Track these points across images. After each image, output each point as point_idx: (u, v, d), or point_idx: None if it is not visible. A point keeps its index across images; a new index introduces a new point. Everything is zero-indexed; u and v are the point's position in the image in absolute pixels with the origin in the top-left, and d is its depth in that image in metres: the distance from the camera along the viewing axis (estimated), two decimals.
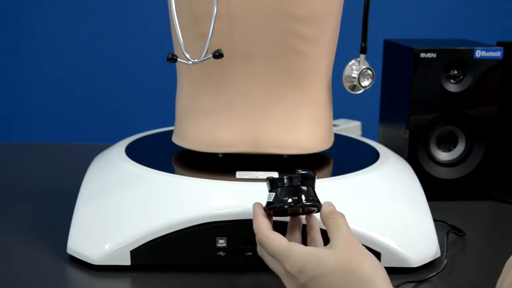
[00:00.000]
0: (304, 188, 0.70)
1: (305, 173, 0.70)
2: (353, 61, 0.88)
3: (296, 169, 0.70)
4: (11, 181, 1.11)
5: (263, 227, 0.68)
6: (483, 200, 1.05)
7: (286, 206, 0.69)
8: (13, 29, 2.06)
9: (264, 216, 0.70)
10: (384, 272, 0.63)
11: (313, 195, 0.70)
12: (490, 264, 0.82)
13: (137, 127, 1.24)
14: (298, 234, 0.72)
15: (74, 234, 0.80)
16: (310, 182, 0.70)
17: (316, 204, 0.70)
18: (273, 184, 0.71)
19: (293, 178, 0.69)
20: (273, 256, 0.67)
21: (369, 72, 0.87)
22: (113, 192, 0.83)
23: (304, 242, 0.71)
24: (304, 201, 0.69)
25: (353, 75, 0.87)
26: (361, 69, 0.87)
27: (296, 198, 0.69)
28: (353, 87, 0.89)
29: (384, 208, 0.80)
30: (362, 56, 0.88)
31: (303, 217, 0.73)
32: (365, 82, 0.87)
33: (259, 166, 0.85)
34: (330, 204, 0.69)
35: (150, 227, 0.76)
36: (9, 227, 0.90)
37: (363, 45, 0.87)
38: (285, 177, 0.70)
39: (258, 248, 0.70)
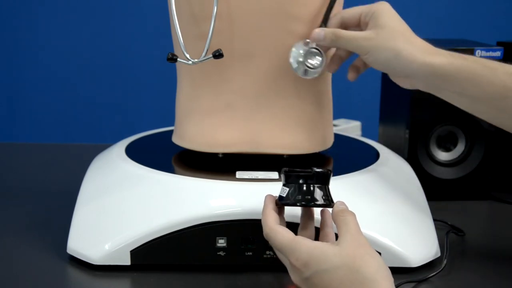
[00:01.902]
0: (318, 186, 0.70)
1: (320, 172, 0.70)
2: (299, 43, 0.82)
3: (312, 167, 0.70)
4: (11, 181, 1.11)
5: (270, 221, 0.68)
6: (483, 200, 1.05)
7: (298, 204, 0.70)
8: (13, 29, 2.06)
9: (273, 209, 0.70)
10: (389, 272, 0.63)
11: (327, 195, 0.70)
12: (490, 264, 0.82)
13: (137, 127, 1.24)
14: (311, 228, 0.72)
15: (74, 234, 0.80)
16: (324, 181, 0.70)
17: (328, 204, 0.70)
18: (288, 179, 0.71)
19: (308, 176, 0.70)
20: (279, 250, 0.67)
21: (315, 50, 0.81)
22: (113, 192, 0.83)
23: (317, 237, 0.72)
24: (316, 201, 0.70)
25: (300, 59, 0.81)
26: (306, 50, 0.81)
27: (309, 197, 0.69)
28: (305, 71, 0.82)
29: (384, 208, 0.80)
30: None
31: (317, 211, 0.73)
32: (313, 61, 0.81)
33: (259, 166, 0.85)
34: (342, 203, 0.69)
35: (150, 227, 0.76)
36: (9, 227, 0.90)
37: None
38: (301, 173, 0.70)
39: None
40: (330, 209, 0.72)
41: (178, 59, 0.81)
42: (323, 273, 0.63)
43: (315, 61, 0.82)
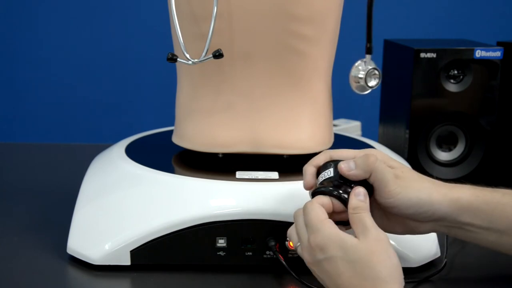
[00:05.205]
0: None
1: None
2: (359, 61, 0.89)
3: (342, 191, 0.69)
4: (11, 181, 1.11)
5: (320, 198, 0.68)
6: None
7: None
8: (13, 29, 2.06)
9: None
10: (401, 275, 0.63)
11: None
12: (490, 264, 0.82)
13: (137, 127, 1.24)
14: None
15: (74, 234, 0.80)
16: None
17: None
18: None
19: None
20: (307, 225, 0.66)
21: (376, 72, 0.88)
22: (113, 192, 0.83)
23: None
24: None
25: (360, 76, 0.88)
26: (367, 70, 0.87)
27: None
28: (360, 88, 0.89)
29: None
30: (368, 56, 0.88)
31: None
32: (372, 82, 0.88)
33: (259, 166, 0.85)
34: (358, 194, 0.67)
35: (150, 227, 0.76)
36: (9, 227, 0.90)
37: (368, 46, 0.88)
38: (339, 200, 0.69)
39: (297, 211, 0.70)
40: None
41: (178, 59, 0.81)
42: (337, 260, 0.63)
43: (374, 82, 0.87)
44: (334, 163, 0.71)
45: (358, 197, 0.67)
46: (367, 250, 0.62)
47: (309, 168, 0.72)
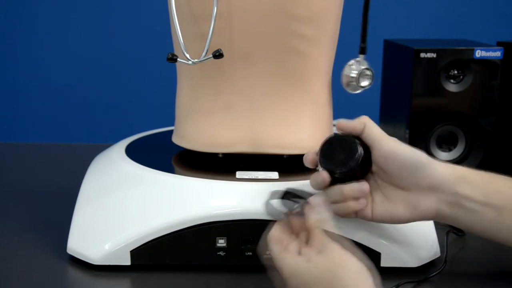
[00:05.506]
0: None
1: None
2: (352, 61, 0.89)
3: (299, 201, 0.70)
4: (11, 181, 1.11)
5: (272, 230, 0.68)
6: None
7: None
8: (13, 29, 2.06)
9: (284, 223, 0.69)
10: (369, 280, 0.62)
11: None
12: (489, 264, 0.82)
13: (137, 127, 1.24)
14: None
15: (74, 234, 0.80)
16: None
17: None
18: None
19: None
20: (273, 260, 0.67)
21: (368, 72, 0.87)
22: (113, 192, 0.83)
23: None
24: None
25: (352, 75, 0.88)
26: (360, 70, 0.87)
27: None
28: (352, 87, 0.89)
29: None
30: (361, 56, 0.88)
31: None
32: (364, 83, 0.88)
33: (259, 166, 0.85)
34: (315, 205, 0.68)
35: (150, 227, 0.76)
36: (9, 227, 0.90)
37: (362, 46, 0.88)
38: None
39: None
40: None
41: (178, 59, 0.81)
42: (306, 285, 0.62)
43: (366, 82, 0.87)
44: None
45: (314, 209, 0.67)
46: (330, 264, 0.62)
47: (309, 153, 0.74)
